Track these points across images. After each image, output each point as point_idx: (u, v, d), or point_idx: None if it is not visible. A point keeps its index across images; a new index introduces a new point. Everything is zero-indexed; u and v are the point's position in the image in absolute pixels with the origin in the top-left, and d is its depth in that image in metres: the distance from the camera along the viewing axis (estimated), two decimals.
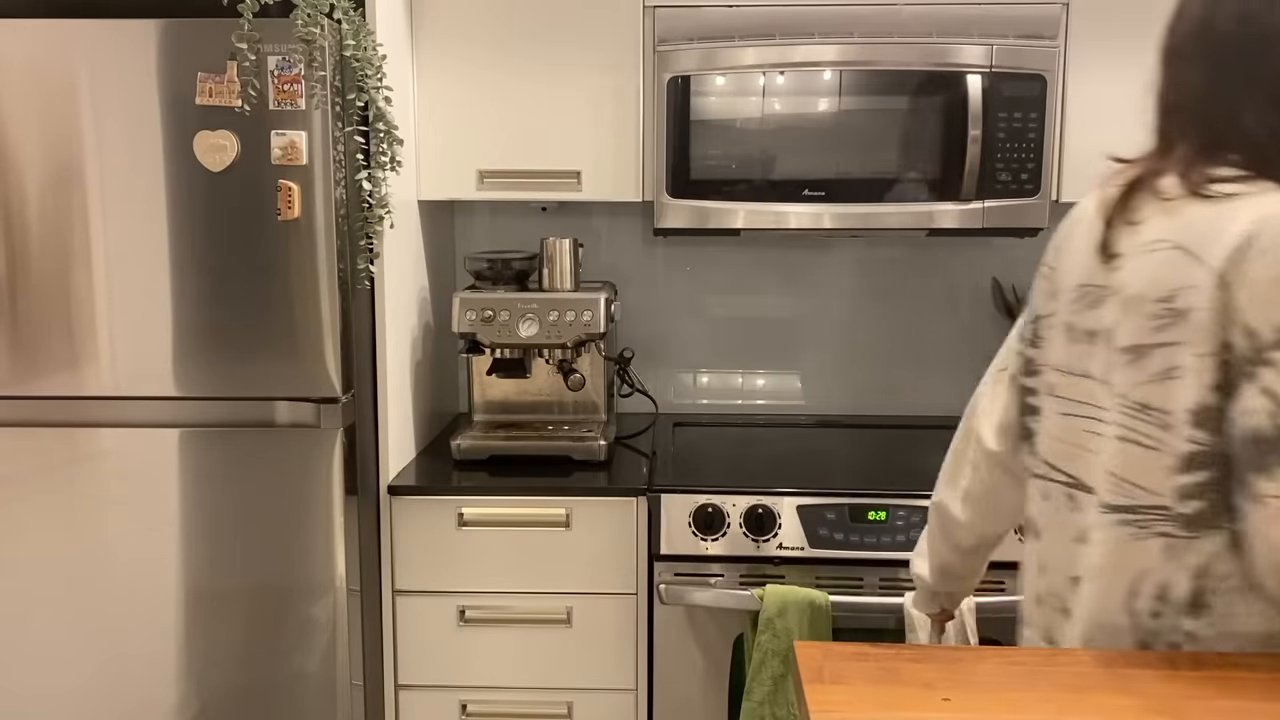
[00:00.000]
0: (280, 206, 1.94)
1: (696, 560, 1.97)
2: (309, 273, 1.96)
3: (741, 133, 2.12)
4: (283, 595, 2.05)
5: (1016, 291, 2.54)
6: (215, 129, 1.92)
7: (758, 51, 2.10)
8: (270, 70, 1.89)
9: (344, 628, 2.07)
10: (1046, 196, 2.13)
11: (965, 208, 2.12)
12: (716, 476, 2.07)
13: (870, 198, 2.12)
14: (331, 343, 1.99)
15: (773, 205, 2.13)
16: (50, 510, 2.05)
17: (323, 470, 2.02)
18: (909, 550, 1.94)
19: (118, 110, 1.93)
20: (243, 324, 1.98)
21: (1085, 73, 2.14)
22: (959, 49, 2.09)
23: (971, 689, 1.28)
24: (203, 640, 2.07)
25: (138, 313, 1.99)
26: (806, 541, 1.95)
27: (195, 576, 2.06)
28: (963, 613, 1.87)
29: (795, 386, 2.63)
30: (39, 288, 1.99)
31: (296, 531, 2.03)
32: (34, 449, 2.03)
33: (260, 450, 2.02)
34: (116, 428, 2.02)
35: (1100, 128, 2.16)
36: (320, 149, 1.92)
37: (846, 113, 2.11)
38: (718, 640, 1.99)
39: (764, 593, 1.90)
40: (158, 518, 2.04)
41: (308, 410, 2.01)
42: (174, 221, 1.96)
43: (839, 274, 2.59)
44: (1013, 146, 2.10)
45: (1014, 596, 1.91)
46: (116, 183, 1.95)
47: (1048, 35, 2.10)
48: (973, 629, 1.87)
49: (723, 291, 2.60)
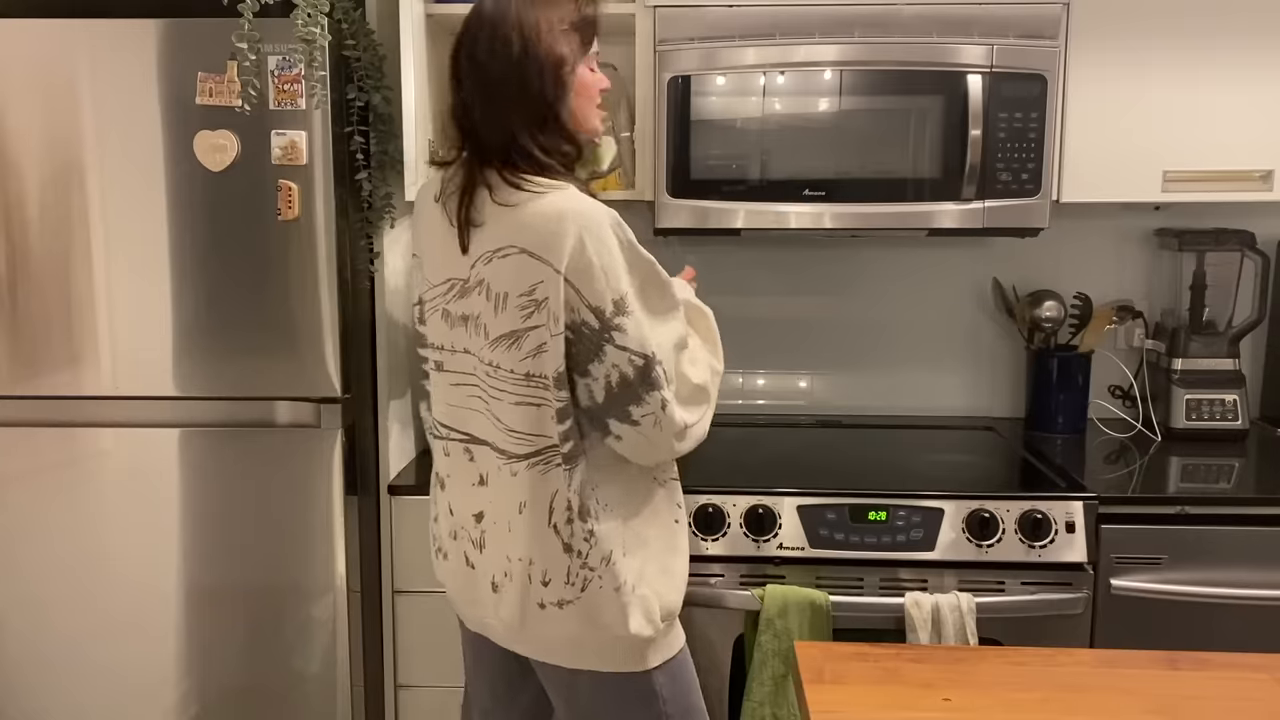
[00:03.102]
0: (280, 206, 1.94)
1: (697, 560, 1.97)
2: (309, 273, 1.96)
3: (742, 133, 2.12)
4: (283, 595, 2.05)
5: (1016, 291, 2.54)
6: (215, 129, 1.92)
7: (758, 51, 2.10)
8: (270, 70, 1.89)
9: (344, 628, 2.07)
10: (1047, 196, 2.13)
11: (965, 208, 2.12)
12: (716, 476, 2.07)
13: (870, 198, 2.12)
14: (331, 343, 1.99)
15: (773, 205, 2.13)
16: (50, 510, 2.05)
17: (323, 470, 2.02)
18: (910, 550, 1.94)
19: (118, 110, 1.93)
20: (243, 324, 1.98)
21: (1085, 73, 2.14)
22: (959, 49, 2.09)
23: (971, 689, 1.28)
24: (203, 640, 2.07)
25: (138, 313, 1.99)
26: (807, 541, 1.95)
27: (195, 576, 2.06)
28: (963, 613, 1.87)
29: (795, 386, 2.63)
30: (39, 288, 1.99)
31: (296, 531, 2.03)
32: (34, 449, 2.03)
33: (260, 450, 2.02)
34: (116, 428, 2.02)
35: (1100, 128, 2.16)
36: (320, 149, 1.92)
37: (847, 113, 2.11)
38: (718, 640, 1.99)
39: (764, 593, 1.90)
40: (158, 518, 2.04)
41: (308, 410, 2.01)
42: (174, 221, 1.96)
43: (839, 274, 2.59)
44: (1013, 146, 2.11)
45: (1014, 596, 1.92)
46: (116, 183, 1.95)
47: (1048, 35, 2.10)
48: (973, 629, 1.87)
49: (723, 291, 2.60)
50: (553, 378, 1.42)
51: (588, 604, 1.48)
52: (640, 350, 1.41)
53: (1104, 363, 2.52)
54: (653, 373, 1.42)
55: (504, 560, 1.51)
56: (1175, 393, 2.40)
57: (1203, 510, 1.97)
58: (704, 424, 1.55)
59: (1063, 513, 1.93)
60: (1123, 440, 2.38)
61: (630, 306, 1.41)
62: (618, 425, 1.45)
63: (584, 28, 1.46)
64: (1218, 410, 2.38)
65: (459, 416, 1.53)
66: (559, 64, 1.42)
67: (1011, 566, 1.94)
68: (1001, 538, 1.93)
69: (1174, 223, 2.51)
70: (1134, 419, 2.48)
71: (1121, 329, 2.56)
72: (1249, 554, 1.95)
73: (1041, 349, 2.47)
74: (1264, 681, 1.28)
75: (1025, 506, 1.93)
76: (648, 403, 1.43)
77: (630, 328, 1.41)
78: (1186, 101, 2.15)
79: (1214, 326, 2.44)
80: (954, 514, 1.94)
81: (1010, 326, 2.56)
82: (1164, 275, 2.53)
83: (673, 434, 1.47)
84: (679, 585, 1.57)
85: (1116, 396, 2.57)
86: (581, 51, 1.46)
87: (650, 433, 1.45)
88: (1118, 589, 1.95)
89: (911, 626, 1.87)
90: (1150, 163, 2.17)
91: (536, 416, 1.45)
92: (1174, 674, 1.31)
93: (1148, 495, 2.00)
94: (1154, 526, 1.96)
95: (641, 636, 1.50)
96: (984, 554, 1.93)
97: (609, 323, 1.40)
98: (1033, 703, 1.24)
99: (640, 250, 1.45)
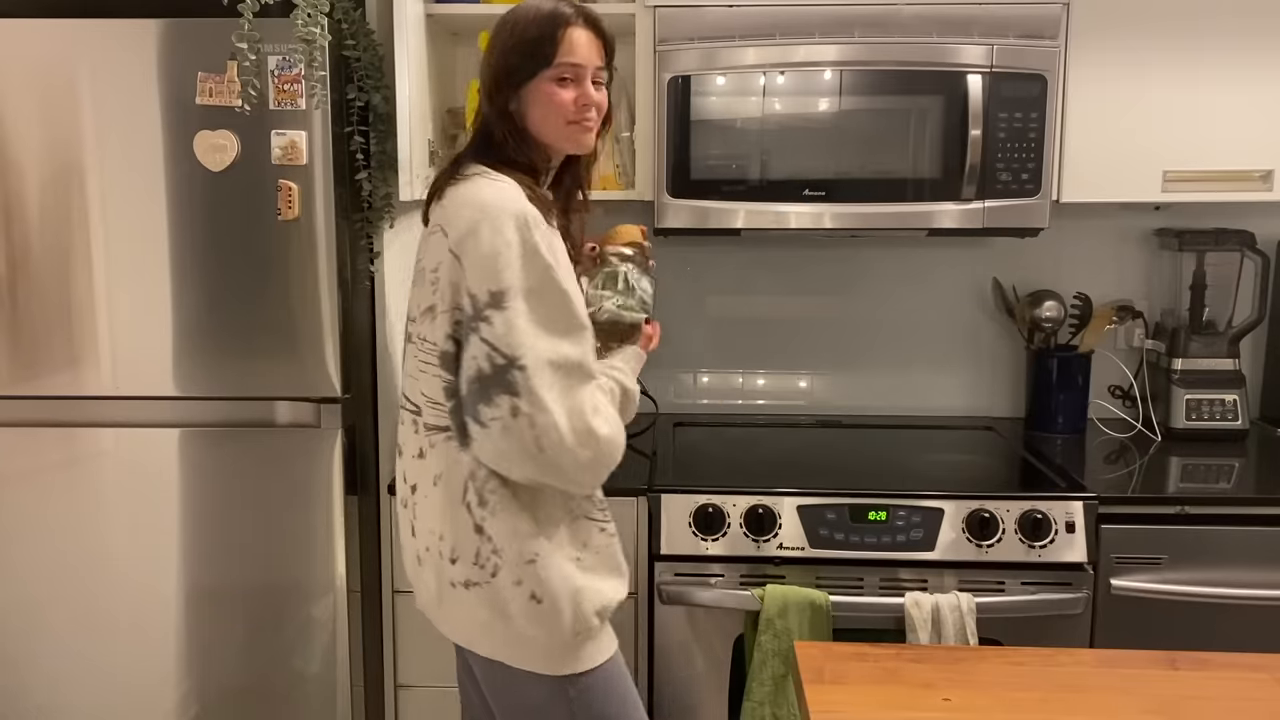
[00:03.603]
0: (280, 206, 1.94)
1: (697, 560, 1.97)
2: (309, 273, 1.96)
3: (742, 133, 2.12)
4: (283, 595, 2.06)
5: (1016, 291, 2.54)
6: (215, 129, 1.92)
7: (758, 51, 2.10)
8: (270, 70, 1.89)
9: (344, 628, 2.07)
10: (1047, 196, 2.13)
11: (965, 208, 2.12)
12: (717, 476, 2.07)
13: (870, 198, 2.12)
14: (331, 343, 1.99)
15: (773, 205, 2.13)
16: (50, 510, 2.05)
17: (323, 470, 2.02)
18: (910, 550, 1.94)
19: (118, 110, 1.93)
20: (243, 324, 1.98)
21: (1085, 72, 2.14)
22: (959, 49, 2.09)
23: (971, 689, 1.28)
24: (203, 640, 2.07)
25: (138, 313, 1.99)
26: (807, 541, 1.95)
27: (195, 576, 2.06)
28: (963, 613, 1.87)
29: (795, 386, 2.63)
30: (39, 288, 1.99)
31: (296, 531, 2.03)
32: (34, 449, 2.03)
33: (260, 450, 2.02)
34: (116, 428, 2.02)
35: (1100, 128, 2.16)
36: (320, 149, 1.92)
37: (846, 113, 2.11)
38: (718, 640, 1.99)
39: (764, 593, 1.90)
40: (158, 518, 2.04)
41: (308, 410, 2.01)
42: (174, 221, 1.96)
43: (839, 274, 2.59)
44: (1013, 146, 2.11)
45: (1014, 596, 1.92)
46: (116, 183, 1.95)
47: (1048, 35, 2.10)
48: (973, 630, 1.87)
49: (723, 291, 2.60)
50: (438, 354, 1.47)
51: (496, 592, 1.48)
52: (505, 350, 1.39)
53: (1104, 363, 2.52)
54: (509, 376, 1.39)
55: (426, 534, 1.53)
56: (1175, 393, 2.40)
57: (1203, 510, 1.97)
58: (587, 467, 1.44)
59: (1063, 513, 1.93)
60: (1123, 440, 2.38)
61: (510, 304, 1.40)
62: (472, 424, 1.43)
63: (540, 44, 1.50)
64: (1218, 410, 2.38)
65: (409, 385, 1.57)
66: (509, 72, 1.51)
67: (1011, 566, 1.94)
68: (1001, 538, 1.93)
69: (1174, 223, 2.51)
70: (1134, 419, 2.48)
71: (1121, 329, 2.56)
72: (1249, 554, 1.95)
73: (1041, 349, 2.47)
74: (1264, 681, 1.28)
75: (1025, 506, 1.94)
76: (498, 405, 1.40)
77: (500, 324, 1.39)
78: (1186, 101, 2.15)
79: (1214, 326, 2.44)
80: (954, 514, 1.94)
81: (1010, 326, 2.56)
82: (1164, 275, 2.53)
83: (526, 450, 1.40)
84: (604, 600, 1.53)
85: (1116, 396, 2.57)
86: (541, 64, 1.50)
87: (499, 440, 1.41)
88: (1118, 589, 1.95)
89: (911, 626, 1.88)
90: (1150, 163, 2.17)
91: (442, 390, 1.49)
92: (1174, 674, 1.31)
93: (1148, 495, 2.00)
94: (1154, 526, 1.96)
95: (550, 639, 1.49)
96: (984, 554, 1.93)
97: (480, 312, 1.40)
98: (1032, 702, 1.24)
99: (543, 258, 1.42)
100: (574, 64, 1.51)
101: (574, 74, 1.52)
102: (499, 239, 1.40)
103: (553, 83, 1.51)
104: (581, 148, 1.57)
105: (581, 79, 1.53)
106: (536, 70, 1.50)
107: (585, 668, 1.52)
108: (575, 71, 1.52)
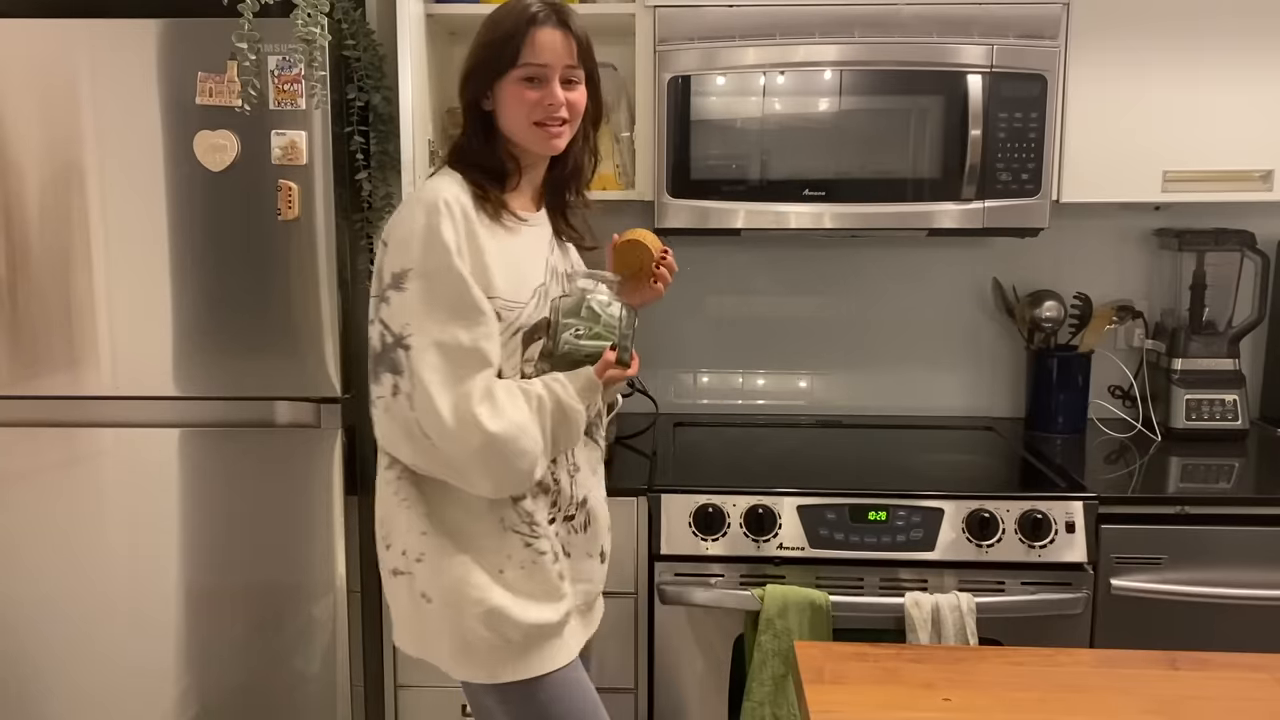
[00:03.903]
0: (280, 206, 1.94)
1: (697, 560, 1.97)
2: (309, 273, 1.96)
3: (742, 133, 2.11)
4: (283, 595, 2.06)
5: (1016, 291, 2.54)
6: (215, 129, 1.92)
7: (758, 51, 2.10)
8: (270, 70, 1.89)
9: (344, 628, 2.07)
10: (1047, 196, 2.13)
11: (965, 208, 2.12)
12: (717, 476, 2.07)
13: (870, 198, 2.12)
14: (331, 343, 1.99)
15: (773, 205, 2.13)
16: (50, 510, 2.05)
17: (323, 470, 2.02)
18: (909, 550, 1.94)
19: (118, 110, 1.93)
20: (243, 324, 1.98)
21: (1085, 72, 2.14)
22: (959, 49, 2.09)
23: (971, 689, 1.28)
24: (203, 640, 2.07)
25: (138, 312, 1.99)
26: (807, 541, 1.95)
27: (195, 576, 2.06)
28: (963, 613, 1.87)
29: (795, 386, 2.63)
30: (39, 288, 1.99)
31: (296, 531, 2.03)
32: (34, 449, 2.03)
33: (260, 450, 2.02)
34: (116, 428, 2.02)
35: (1100, 128, 2.16)
36: (320, 149, 1.92)
37: (846, 113, 2.11)
38: (718, 640, 1.99)
39: (764, 593, 1.90)
40: (158, 518, 2.04)
41: (308, 410, 2.01)
42: (174, 221, 1.96)
43: (839, 274, 2.59)
44: (1013, 146, 2.11)
45: (1014, 596, 1.92)
46: (116, 183, 1.95)
47: (1048, 35, 2.10)
48: (973, 629, 1.87)
49: (723, 291, 2.60)
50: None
51: (421, 583, 1.48)
52: (394, 328, 1.41)
53: (1104, 363, 2.52)
54: (394, 354, 1.40)
55: (377, 521, 1.57)
56: (1175, 393, 2.40)
57: (1203, 510, 1.97)
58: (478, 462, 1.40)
59: (1063, 513, 1.93)
60: (1123, 440, 2.38)
61: (407, 285, 1.41)
62: (371, 406, 1.46)
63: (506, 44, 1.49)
64: (1218, 410, 2.38)
65: None
66: (480, 70, 1.53)
67: (1011, 566, 1.94)
68: (1001, 538, 1.93)
69: (1174, 223, 2.51)
70: (1134, 419, 2.48)
71: (1121, 329, 2.56)
72: (1249, 554, 1.95)
73: (1041, 349, 2.47)
74: (1264, 681, 1.28)
75: (1025, 506, 1.93)
76: (382, 383, 1.42)
77: (395, 303, 1.41)
78: (1186, 101, 2.15)
79: (1214, 326, 2.44)
80: (954, 514, 1.94)
81: (1010, 326, 2.56)
82: (1164, 275, 2.53)
83: (409, 432, 1.41)
84: (516, 619, 1.48)
85: (1116, 396, 2.57)
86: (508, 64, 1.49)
87: (383, 420, 1.44)
88: (1118, 589, 1.95)
89: (911, 626, 1.88)
90: (1150, 163, 2.17)
91: None
92: (1174, 674, 1.31)
93: (1148, 495, 2.00)
94: (1154, 526, 1.96)
95: (453, 642, 1.48)
96: (984, 554, 1.93)
97: (383, 293, 1.43)
98: (1032, 702, 1.24)
99: (443, 242, 1.41)
100: (540, 64, 1.49)
101: (540, 74, 1.50)
102: (409, 225, 1.43)
103: (519, 83, 1.50)
104: (549, 149, 1.55)
105: (548, 79, 1.50)
106: (503, 70, 1.50)
107: (517, 678, 1.49)
108: (541, 72, 1.50)
